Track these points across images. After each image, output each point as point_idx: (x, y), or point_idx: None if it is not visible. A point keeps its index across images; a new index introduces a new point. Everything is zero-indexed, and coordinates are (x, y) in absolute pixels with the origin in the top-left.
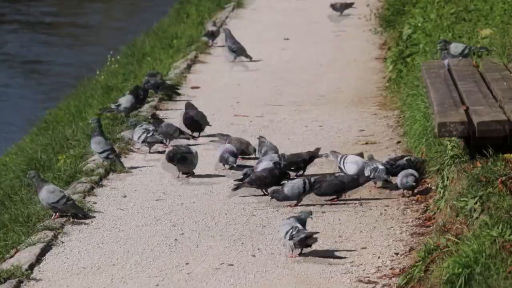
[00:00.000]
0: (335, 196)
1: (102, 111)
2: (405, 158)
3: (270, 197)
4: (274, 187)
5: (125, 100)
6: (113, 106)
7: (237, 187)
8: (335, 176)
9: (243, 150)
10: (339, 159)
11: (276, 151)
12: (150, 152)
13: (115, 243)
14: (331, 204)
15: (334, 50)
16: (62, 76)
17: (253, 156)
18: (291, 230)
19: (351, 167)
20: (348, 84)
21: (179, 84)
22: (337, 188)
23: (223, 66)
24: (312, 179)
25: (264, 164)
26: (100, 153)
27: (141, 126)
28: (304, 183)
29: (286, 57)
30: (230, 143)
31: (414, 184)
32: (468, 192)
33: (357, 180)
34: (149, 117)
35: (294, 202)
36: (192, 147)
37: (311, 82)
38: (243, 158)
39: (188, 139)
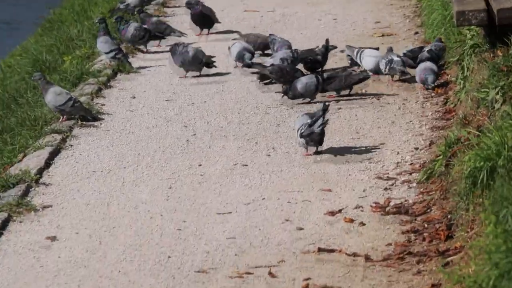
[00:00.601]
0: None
1: (112, 13)
2: (425, 49)
3: (282, 95)
4: (285, 87)
5: None
6: (121, 6)
7: (257, 73)
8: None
9: (264, 45)
10: (355, 53)
11: (289, 46)
12: (147, 51)
13: (125, 145)
14: (347, 100)
15: None
16: None
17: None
18: (301, 127)
19: (368, 61)
20: None
21: None
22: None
23: None
24: (325, 75)
25: (280, 54)
26: (107, 53)
27: (128, 25)
28: (317, 79)
29: None
30: (248, 41)
31: (433, 84)
32: (489, 83)
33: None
34: (136, 12)
35: (307, 100)
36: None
37: None
38: (262, 55)
39: (179, 36)
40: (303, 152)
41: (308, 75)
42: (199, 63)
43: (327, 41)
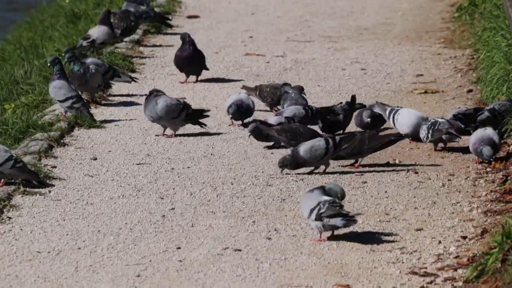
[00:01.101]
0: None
1: (66, 51)
2: (487, 107)
3: (279, 167)
4: (283, 156)
5: (98, 32)
6: (84, 42)
7: (256, 130)
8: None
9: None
10: (387, 112)
11: (305, 105)
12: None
13: (81, 220)
14: (374, 171)
15: None
16: None
17: None
18: (317, 207)
19: (405, 123)
20: (402, 13)
21: (171, 13)
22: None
23: None
24: (338, 138)
25: (288, 111)
26: (62, 101)
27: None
28: (327, 142)
29: None
30: (261, 95)
31: (491, 158)
32: None
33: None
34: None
35: (312, 168)
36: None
37: (351, 11)
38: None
39: (129, 82)
40: (315, 237)
41: (316, 138)
42: (172, 117)
43: (353, 97)
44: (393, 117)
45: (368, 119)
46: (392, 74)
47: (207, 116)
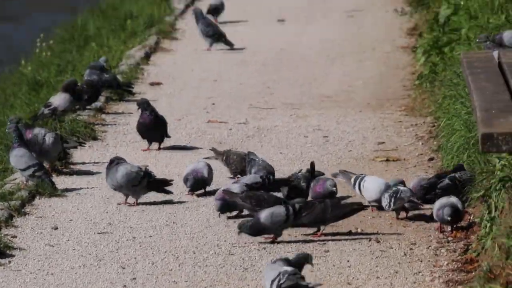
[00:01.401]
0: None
1: (33, 119)
2: (447, 177)
3: (238, 233)
4: (242, 220)
5: (60, 100)
6: (46, 110)
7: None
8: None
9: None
10: (352, 181)
11: (272, 173)
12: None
13: None
14: (335, 240)
15: (346, 36)
16: None
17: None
18: (278, 278)
19: (372, 190)
20: (363, 81)
21: (131, 80)
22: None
23: (194, 55)
24: (298, 205)
25: (244, 180)
26: (23, 169)
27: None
28: (287, 209)
29: (280, 44)
30: (228, 159)
31: (452, 218)
32: None
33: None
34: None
35: (272, 235)
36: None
37: (314, 79)
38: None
39: (74, 147)
40: None
41: (276, 206)
42: (133, 185)
43: (312, 164)
44: (359, 184)
45: (334, 188)
46: (354, 141)
47: (170, 185)
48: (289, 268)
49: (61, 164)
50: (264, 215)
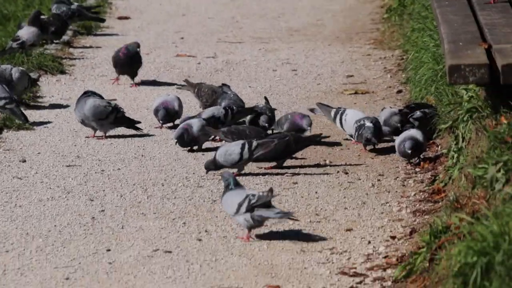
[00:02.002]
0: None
1: (2, 53)
2: (417, 113)
3: (206, 172)
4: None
5: (28, 33)
6: (14, 44)
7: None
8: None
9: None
10: (333, 114)
11: (240, 106)
12: None
13: (9, 222)
14: (305, 173)
15: None
16: None
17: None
18: (246, 199)
19: (353, 125)
20: (332, 14)
21: (100, 13)
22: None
23: None
24: (255, 143)
25: (206, 112)
26: None
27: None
28: (242, 147)
29: None
30: (200, 91)
31: (411, 151)
32: (489, 157)
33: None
34: None
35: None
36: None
37: (282, 12)
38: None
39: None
40: (242, 234)
41: (234, 142)
42: (99, 119)
43: (266, 99)
44: (340, 118)
45: (309, 128)
46: (322, 75)
47: (139, 122)
48: (254, 191)
49: (28, 97)
50: (219, 152)
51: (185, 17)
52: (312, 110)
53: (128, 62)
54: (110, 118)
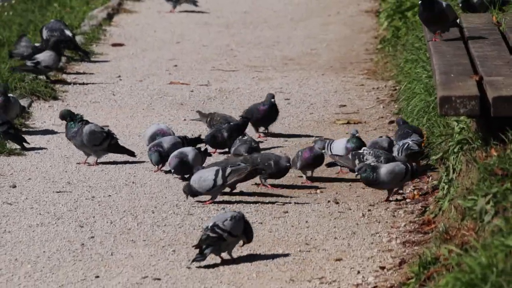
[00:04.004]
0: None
1: (15, 69)
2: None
3: (186, 196)
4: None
5: (44, 55)
6: (29, 63)
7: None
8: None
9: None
10: (327, 146)
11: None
12: None
13: None
14: (296, 203)
15: None
16: None
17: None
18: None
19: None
20: (327, 44)
21: (93, 40)
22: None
23: (156, 17)
24: (229, 169)
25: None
26: None
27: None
28: (216, 174)
29: (243, 7)
30: (212, 121)
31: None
32: (479, 189)
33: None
34: None
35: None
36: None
37: (277, 41)
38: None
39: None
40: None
41: (210, 167)
42: (94, 145)
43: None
44: (330, 149)
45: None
46: (315, 104)
47: (133, 152)
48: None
49: (20, 123)
50: (193, 178)
51: (179, 45)
52: (314, 143)
53: None
54: (104, 144)
